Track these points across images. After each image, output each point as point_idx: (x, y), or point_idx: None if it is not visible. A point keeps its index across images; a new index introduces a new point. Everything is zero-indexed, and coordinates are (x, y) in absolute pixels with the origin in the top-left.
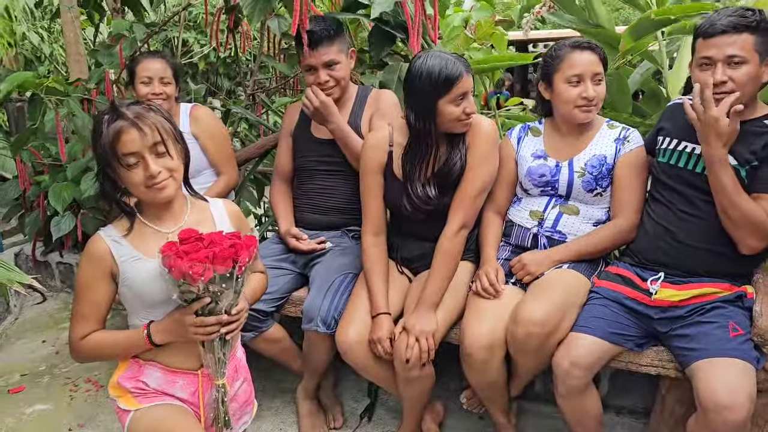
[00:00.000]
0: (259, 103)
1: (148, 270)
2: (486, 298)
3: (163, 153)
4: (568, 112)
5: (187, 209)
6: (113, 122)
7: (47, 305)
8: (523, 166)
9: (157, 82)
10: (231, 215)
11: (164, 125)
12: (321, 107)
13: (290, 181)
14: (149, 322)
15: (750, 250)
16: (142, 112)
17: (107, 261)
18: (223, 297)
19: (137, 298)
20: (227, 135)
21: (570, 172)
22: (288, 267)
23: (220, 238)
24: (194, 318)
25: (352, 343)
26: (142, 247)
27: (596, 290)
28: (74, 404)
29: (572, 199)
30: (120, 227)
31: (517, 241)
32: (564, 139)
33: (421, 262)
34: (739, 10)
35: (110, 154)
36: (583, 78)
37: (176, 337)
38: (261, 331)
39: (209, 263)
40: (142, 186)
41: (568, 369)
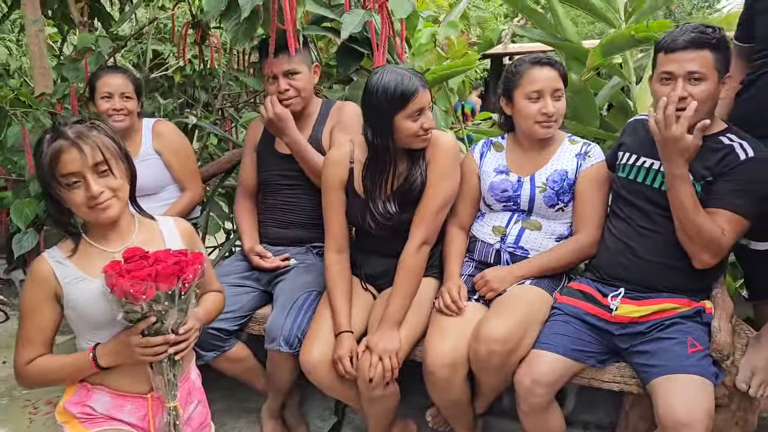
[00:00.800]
0: (227, 117)
1: (92, 290)
2: (449, 315)
3: (106, 172)
4: (528, 127)
5: (134, 228)
6: (53, 142)
7: (9, 324)
8: (485, 182)
9: (117, 98)
10: (182, 233)
11: (107, 144)
12: (275, 118)
13: (255, 196)
14: (95, 345)
15: (702, 265)
16: (84, 131)
17: (51, 283)
18: (168, 316)
19: (82, 319)
20: (191, 150)
21: (531, 188)
22: (252, 284)
23: (165, 256)
24: (140, 338)
25: (316, 362)
26: (86, 267)
27: (558, 306)
28: (33, 427)
29: (534, 215)
30: (65, 248)
31: (480, 257)
32: (526, 154)
33: (385, 278)
34: (700, 27)
35: (50, 175)
36: (543, 94)
37: (123, 359)
38: (224, 351)
39: (152, 281)
40: (84, 206)
41: (530, 387)
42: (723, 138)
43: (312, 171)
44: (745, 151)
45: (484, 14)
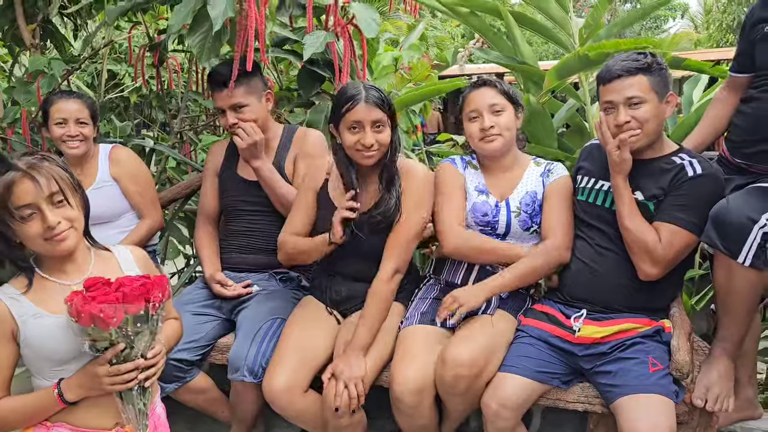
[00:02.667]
0: (186, 140)
1: (51, 326)
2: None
3: (62, 203)
4: (475, 146)
5: (91, 259)
6: (4, 174)
7: None
8: (469, 201)
9: (72, 123)
10: (138, 260)
11: (60, 174)
12: (254, 145)
13: (216, 222)
14: (59, 380)
15: (646, 276)
16: (36, 162)
17: (6, 322)
18: (138, 340)
19: (42, 357)
20: (150, 176)
21: (508, 213)
22: (213, 313)
23: (128, 281)
24: (108, 368)
25: (280, 391)
26: (44, 302)
27: (522, 329)
28: None
29: (508, 237)
30: (18, 284)
31: (448, 277)
32: (496, 177)
33: (350, 303)
34: (632, 55)
35: (2, 208)
36: (480, 112)
37: (91, 391)
38: (185, 382)
39: (119, 303)
40: (40, 239)
41: (496, 410)
42: (675, 158)
43: (278, 199)
44: (694, 169)
45: (441, 34)
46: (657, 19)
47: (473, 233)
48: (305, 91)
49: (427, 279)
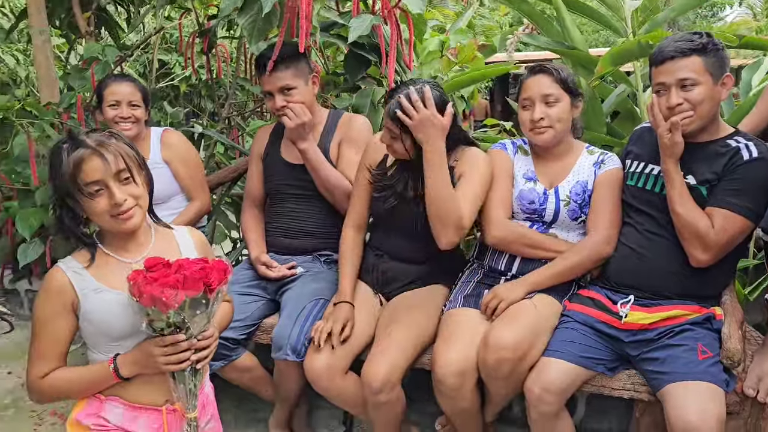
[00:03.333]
0: (234, 126)
1: (111, 301)
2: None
3: (128, 180)
4: (526, 135)
5: (151, 238)
6: (74, 151)
7: (14, 335)
8: (516, 188)
9: (125, 106)
10: (196, 243)
11: (127, 152)
12: (307, 125)
13: (262, 206)
14: (115, 355)
15: (697, 263)
16: (104, 139)
17: (68, 294)
18: (193, 323)
19: (100, 331)
20: (199, 160)
21: (556, 201)
22: (259, 293)
23: (188, 263)
24: (164, 348)
25: (321, 370)
26: (104, 278)
27: (567, 314)
28: None
29: (555, 227)
30: (81, 258)
31: (491, 263)
32: (547, 163)
33: (396, 284)
34: (686, 35)
35: (71, 184)
36: (533, 101)
37: (145, 369)
38: (231, 360)
39: (180, 287)
40: (107, 215)
41: (539, 395)
42: (730, 141)
43: (323, 182)
44: (750, 152)
45: (489, 23)
46: (713, 7)
47: (518, 225)
48: (351, 76)
49: (470, 263)
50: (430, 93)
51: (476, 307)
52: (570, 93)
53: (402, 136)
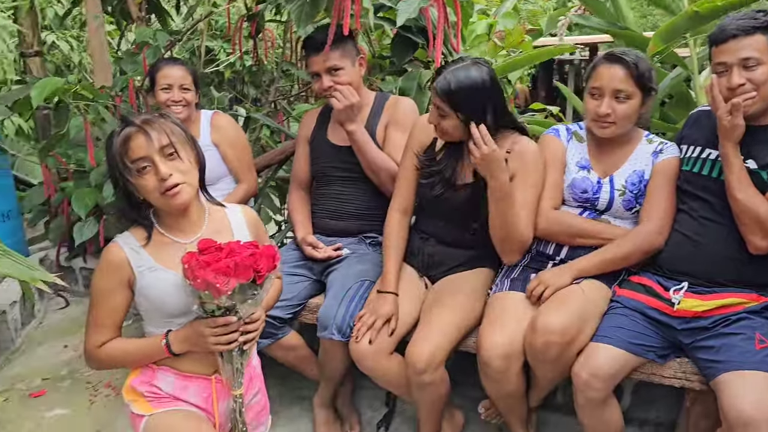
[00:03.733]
0: (280, 110)
1: (167, 281)
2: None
3: (173, 156)
4: (588, 123)
5: (205, 218)
6: (122, 131)
7: (70, 310)
8: (568, 175)
9: (176, 89)
10: (249, 222)
11: (172, 129)
12: (350, 107)
13: (308, 188)
14: (167, 331)
15: (756, 249)
16: (151, 118)
17: (125, 270)
18: (243, 306)
19: (155, 308)
20: (247, 143)
21: (611, 191)
22: (305, 274)
23: (239, 248)
24: (214, 329)
25: (366, 351)
26: (160, 257)
27: (617, 300)
28: (93, 409)
29: (608, 214)
30: (138, 236)
31: (538, 247)
32: (603, 151)
33: (441, 268)
34: (749, 13)
35: (121, 163)
36: (602, 92)
37: (195, 347)
38: (277, 338)
39: (232, 272)
40: (157, 192)
41: (587, 380)
42: None
43: (369, 164)
44: None
45: (534, 8)
46: None
47: (565, 215)
48: (398, 59)
49: None
50: (485, 129)
51: (523, 291)
52: (643, 89)
53: (451, 115)
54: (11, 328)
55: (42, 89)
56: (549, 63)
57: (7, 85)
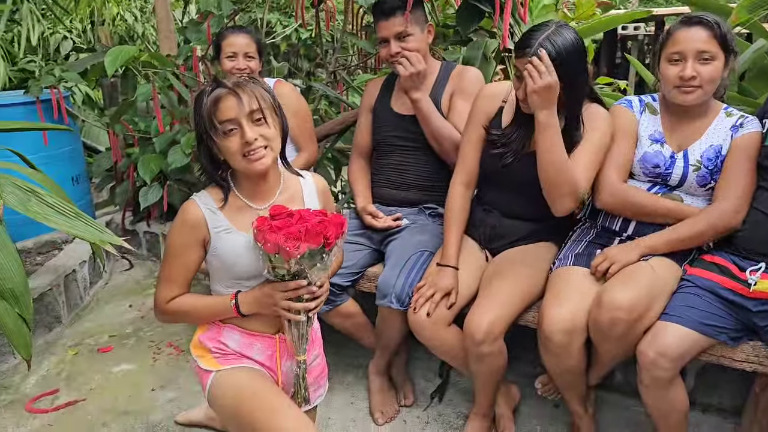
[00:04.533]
0: (340, 80)
1: (240, 243)
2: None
3: (260, 121)
4: (668, 93)
5: (280, 185)
6: (213, 91)
7: (134, 272)
8: (639, 149)
9: (241, 57)
10: (319, 190)
11: (263, 94)
12: (417, 75)
13: (369, 157)
14: (237, 292)
15: None
16: (242, 82)
17: (202, 229)
18: (310, 272)
19: (226, 268)
20: (308, 111)
21: (685, 165)
22: (364, 242)
23: (308, 215)
24: (284, 294)
25: (424, 322)
26: (235, 219)
27: (688, 278)
28: (157, 366)
29: (680, 190)
30: (215, 197)
31: (605, 223)
32: (679, 123)
33: (502, 241)
34: None
35: (208, 122)
36: (685, 56)
37: (263, 310)
38: (336, 305)
39: (302, 237)
40: (239, 154)
41: (653, 359)
42: None
43: (433, 133)
44: None
45: None
46: None
47: (632, 189)
48: (463, 28)
49: (582, 222)
50: (547, 57)
51: (587, 266)
52: (726, 51)
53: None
54: (80, 286)
55: (116, 57)
56: (612, 39)
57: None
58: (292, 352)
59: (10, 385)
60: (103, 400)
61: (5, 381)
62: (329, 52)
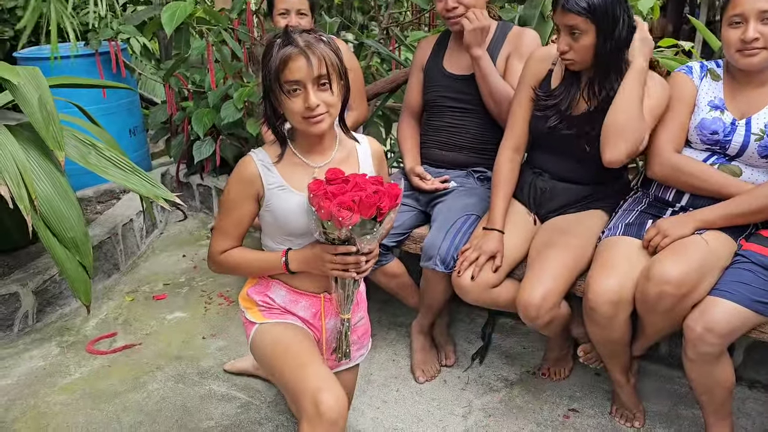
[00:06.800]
0: (392, 37)
1: (293, 202)
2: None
3: (325, 86)
4: (730, 57)
5: (335, 145)
6: (284, 47)
7: (187, 223)
8: (696, 115)
9: (294, 14)
10: (374, 155)
11: (331, 59)
12: (480, 29)
13: (419, 117)
14: (287, 249)
15: None
16: (313, 42)
17: (256, 184)
18: (362, 239)
19: (279, 224)
20: (359, 69)
21: (746, 134)
22: (411, 204)
23: (364, 182)
24: (334, 256)
25: (468, 285)
26: (289, 177)
27: (743, 253)
28: (208, 315)
29: (738, 161)
30: (272, 152)
31: (657, 193)
32: (742, 90)
33: (552, 205)
34: None
35: (274, 79)
36: (746, 17)
37: (312, 269)
38: (381, 265)
39: (356, 207)
40: (299, 116)
41: (701, 334)
42: None
43: (491, 92)
44: None
45: None
46: None
47: (684, 159)
48: None
49: (634, 190)
50: None
51: (637, 236)
52: None
53: (589, 31)
54: (137, 235)
55: (172, 15)
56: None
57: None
58: (337, 311)
59: (72, 326)
60: (157, 345)
61: (68, 323)
62: (383, 6)
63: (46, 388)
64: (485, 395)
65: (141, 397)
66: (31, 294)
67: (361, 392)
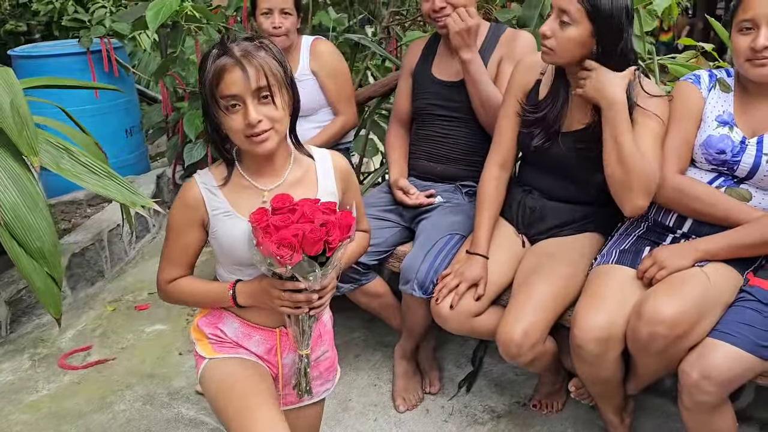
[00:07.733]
0: (393, 36)
1: (239, 229)
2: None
3: (267, 99)
4: (740, 66)
5: (289, 165)
6: (218, 59)
7: None
8: (703, 131)
9: (277, 14)
10: (337, 169)
11: (272, 68)
12: (472, 29)
13: (408, 126)
14: (236, 281)
15: None
16: (251, 50)
17: (200, 210)
18: (311, 276)
19: (224, 253)
20: (348, 73)
21: (758, 154)
22: (394, 219)
23: (312, 212)
24: (281, 292)
25: (447, 314)
26: (236, 202)
27: (749, 290)
28: (188, 329)
29: (748, 184)
30: (217, 174)
31: (657, 217)
32: (753, 104)
33: (541, 226)
34: None
35: (210, 95)
36: (757, 23)
37: (261, 303)
38: (361, 284)
39: (297, 245)
40: (241, 134)
41: (697, 381)
42: None
43: (481, 99)
44: None
45: None
46: None
47: (690, 182)
48: None
49: None
50: None
51: (632, 265)
52: None
53: (582, 24)
54: (125, 240)
55: (157, 12)
56: None
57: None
58: (294, 346)
59: (48, 338)
60: (131, 361)
61: (44, 334)
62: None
63: (11, 405)
64: (468, 428)
65: (106, 419)
66: (4, 304)
67: (335, 421)
